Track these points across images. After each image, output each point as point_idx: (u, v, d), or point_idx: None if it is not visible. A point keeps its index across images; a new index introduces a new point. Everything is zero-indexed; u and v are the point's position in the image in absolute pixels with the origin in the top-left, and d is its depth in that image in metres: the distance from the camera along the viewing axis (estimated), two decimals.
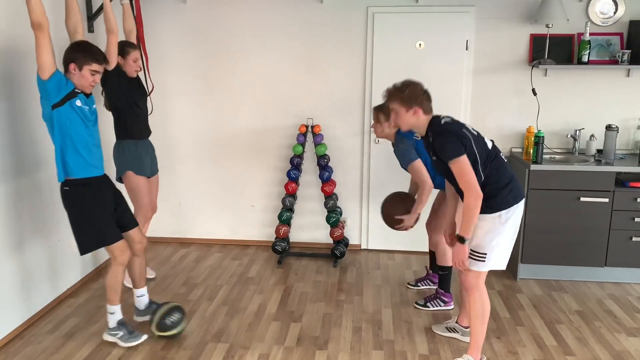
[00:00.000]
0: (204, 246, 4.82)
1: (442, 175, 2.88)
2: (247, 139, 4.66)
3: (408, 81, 2.77)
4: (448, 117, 2.78)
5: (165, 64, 4.57)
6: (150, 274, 4.01)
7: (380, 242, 4.72)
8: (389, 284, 4.02)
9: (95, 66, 2.83)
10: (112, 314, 3.12)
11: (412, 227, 3.52)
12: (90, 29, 3.96)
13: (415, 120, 2.75)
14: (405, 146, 3.39)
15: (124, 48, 3.51)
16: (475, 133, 2.73)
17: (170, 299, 3.71)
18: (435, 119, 2.75)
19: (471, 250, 2.76)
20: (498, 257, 2.76)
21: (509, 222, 2.71)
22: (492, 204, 2.70)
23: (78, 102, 2.82)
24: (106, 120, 3.70)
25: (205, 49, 4.53)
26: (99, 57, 2.86)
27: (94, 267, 4.14)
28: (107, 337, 3.14)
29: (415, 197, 3.50)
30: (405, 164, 3.42)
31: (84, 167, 2.89)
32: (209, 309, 3.58)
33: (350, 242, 4.71)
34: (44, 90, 2.75)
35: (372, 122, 3.55)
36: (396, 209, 3.53)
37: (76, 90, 2.83)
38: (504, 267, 2.80)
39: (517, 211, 2.74)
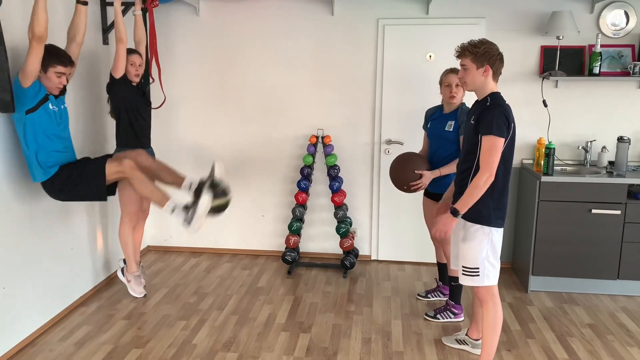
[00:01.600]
0: (214, 256, 4.84)
1: (461, 148, 2.84)
2: (258, 149, 4.70)
3: (485, 39, 2.71)
4: (506, 101, 2.74)
5: (178, 75, 4.63)
6: (141, 293, 3.92)
7: (390, 253, 4.71)
8: (398, 295, 4.01)
9: (59, 68, 2.94)
10: (172, 210, 3.16)
11: (422, 188, 3.46)
12: (105, 41, 4.03)
13: (483, 81, 2.69)
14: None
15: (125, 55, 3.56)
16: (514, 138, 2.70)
17: (180, 308, 3.73)
18: (500, 94, 2.71)
19: (463, 266, 2.76)
20: (491, 271, 2.74)
21: (493, 237, 2.71)
22: (476, 208, 2.65)
23: (50, 105, 2.98)
24: (106, 126, 3.77)
25: (217, 60, 4.59)
26: (64, 59, 2.96)
27: (106, 277, 4.17)
28: (171, 211, 3.17)
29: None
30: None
31: (54, 163, 3.05)
32: (219, 319, 3.59)
33: (360, 253, 4.71)
34: (22, 96, 2.84)
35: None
36: (416, 164, 3.45)
37: (48, 93, 2.97)
38: (495, 283, 2.78)
39: (498, 234, 2.73)
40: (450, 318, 3.57)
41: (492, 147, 2.57)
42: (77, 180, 3.10)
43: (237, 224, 4.86)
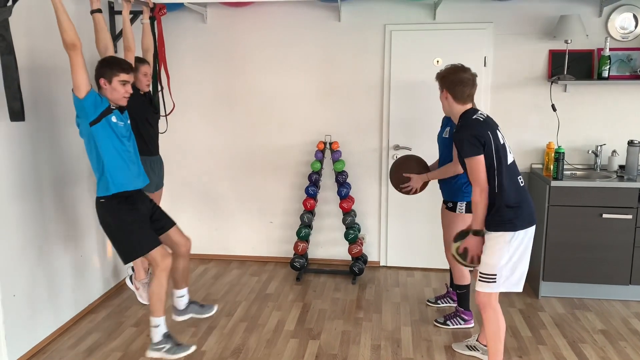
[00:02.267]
0: (223, 262, 4.85)
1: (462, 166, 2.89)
2: (266, 155, 4.70)
3: (454, 66, 2.90)
4: (483, 114, 2.80)
5: (186, 82, 4.65)
6: (145, 300, 3.88)
7: (399, 259, 4.69)
8: (408, 302, 3.98)
9: (123, 76, 2.88)
10: (156, 326, 2.99)
11: (418, 191, 3.51)
12: (114, 50, 4.05)
13: (446, 105, 2.88)
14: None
15: (134, 63, 3.57)
16: (501, 142, 2.72)
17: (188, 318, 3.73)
18: (469, 112, 2.80)
19: (480, 272, 2.74)
20: (509, 278, 2.73)
21: (515, 243, 2.69)
22: (496, 219, 2.68)
23: (114, 119, 2.88)
24: None
25: (225, 67, 4.61)
26: (125, 66, 2.92)
27: (115, 283, 4.18)
28: (152, 354, 3.01)
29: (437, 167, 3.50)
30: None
31: (121, 182, 2.91)
32: (227, 325, 3.58)
33: (369, 259, 4.69)
34: (81, 109, 2.80)
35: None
36: (408, 167, 3.51)
37: (111, 106, 2.89)
38: (520, 289, 2.77)
39: (523, 236, 2.71)
40: (460, 324, 3.54)
41: (472, 167, 2.68)
42: (123, 233, 2.94)
43: (246, 231, 4.86)
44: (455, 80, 2.80)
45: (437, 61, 4.34)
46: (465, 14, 4.27)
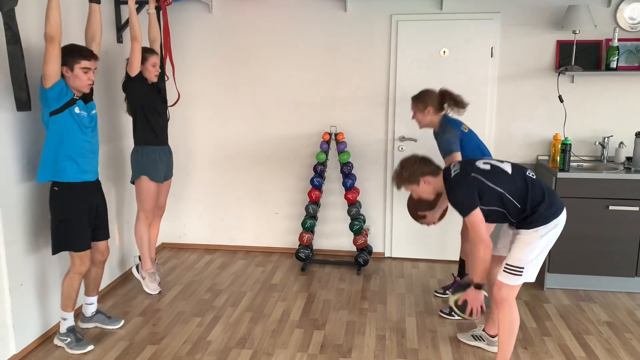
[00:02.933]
0: (228, 253, 4.86)
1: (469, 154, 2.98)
2: (271, 146, 4.70)
3: (398, 166, 2.92)
4: (457, 165, 2.82)
5: (191, 72, 4.64)
6: (155, 290, 3.95)
7: (404, 250, 4.70)
8: (413, 293, 3.99)
9: (84, 63, 2.90)
10: (64, 319, 3.15)
11: (435, 223, 3.50)
12: (119, 40, 4.05)
13: (429, 189, 2.87)
14: (451, 135, 3.39)
15: (143, 54, 3.57)
16: (488, 167, 2.75)
17: (195, 304, 3.75)
18: (446, 174, 2.81)
19: (508, 264, 2.74)
20: (533, 271, 2.75)
21: (547, 235, 2.70)
22: (531, 220, 2.71)
23: (77, 109, 2.92)
24: (122, 124, 3.79)
25: (230, 57, 4.60)
26: (86, 53, 2.93)
27: (121, 274, 4.20)
28: (56, 342, 3.19)
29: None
30: (444, 152, 3.41)
31: (76, 173, 2.97)
32: (233, 315, 3.60)
33: (374, 250, 4.70)
34: (44, 98, 2.84)
35: (412, 113, 3.61)
36: (420, 204, 3.49)
37: (75, 97, 2.92)
38: (533, 280, 2.78)
39: (556, 225, 2.73)
40: None
41: (472, 223, 2.71)
42: (58, 224, 3.00)
43: (251, 221, 4.87)
44: (417, 170, 2.86)
45: (444, 52, 4.31)
46: (472, 4, 4.23)
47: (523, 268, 2.71)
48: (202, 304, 3.77)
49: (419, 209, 3.52)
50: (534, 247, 2.69)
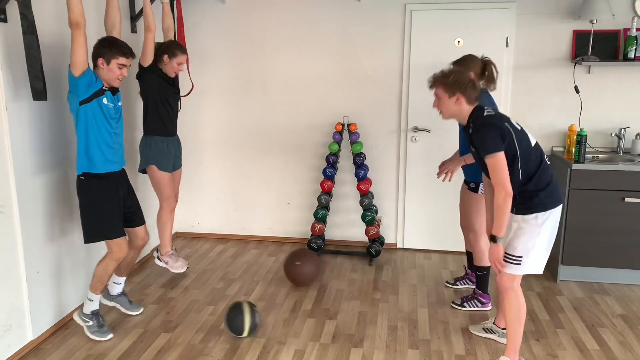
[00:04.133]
0: (241, 242, 4.89)
1: (480, 168, 2.85)
2: (284, 137, 4.70)
3: (456, 68, 2.73)
4: (490, 109, 2.74)
5: (204, 63, 4.65)
6: (182, 268, 4.02)
7: (416, 241, 4.69)
8: (425, 284, 3.99)
9: (122, 59, 2.92)
10: (91, 300, 3.18)
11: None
12: (133, 30, 4.07)
13: (457, 109, 2.72)
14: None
15: (174, 50, 3.62)
16: (519, 127, 2.69)
17: (208, 293, 3.78)
18: (478, 110, 2.71)
19: (506, 253, 2.72)
20: (534, 261, 2.71)
21: (545, 224, 2.67)
22: (529, 205, 2.66)
23: (105, 100, 2.94)
24: (136, 113, 3.81)
25: (243, 48, 4.60)
26: (126, 50, 2.95)
27: (138, 260, 4.22)
28: (76, 319, 3.22)
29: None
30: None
31: (103, 163, 3.00)
32: None
33: (386, 241, 4.69)
34: (74, 86, 2.85)
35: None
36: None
37: (104, 87, 2.95)
38: (540, 272, 2.76)
39: (554, 215, 2.69)
40: (478, 307, 3.54)
41: (495, 164, 2.57)
42: (91, 213, 3.04)
43: (263, 211, 4.89)
44: (468, 83, 2.70)
45: (458, 41, 4.27)
46: None
47: (522, 257, 2.69)
48: (215, 293, 3.80)
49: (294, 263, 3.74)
50: (532, 235, 2.67)
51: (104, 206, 3.05)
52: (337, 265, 4.34)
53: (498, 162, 2.56)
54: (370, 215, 4.33)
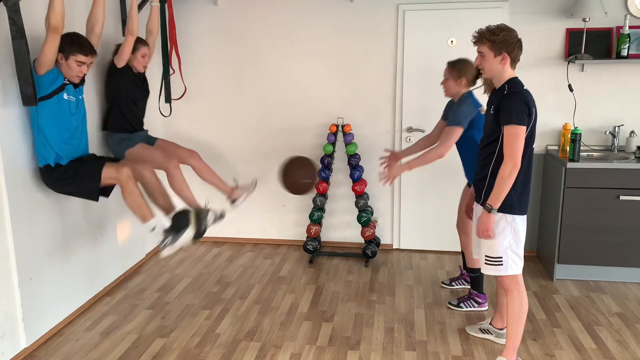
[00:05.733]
0: (236, 245, 4.87)
1: (482, 136, 2.80)
2: (278, 138, 4.68)
3: (504, 25, 2.63)
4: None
5: (196, 65, 4.62)
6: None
7: (412, 242, 4.68)
8: (421, 284, 3.97)
9: (80, 57, 2.92)
10: (152, 229, 3.10)
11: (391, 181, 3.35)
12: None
13: (500, 69, 2.62)
14: (467, 109, 3.24)
15: (134, 44, 3.51)
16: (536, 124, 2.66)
17: (203, 297, 3.76)
18: (518, 79, 2.65)
19: (486, 256, 2.72)
20: (515, 260, 2.70)
21: (516, 225, 2.67)
22: (506, 202, 2.62)
23: (65, 95, 2.95)
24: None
25: (236, 49, 4.57)
26: (86, 48, 2.94)
27: (130, 267, 4.22)
28: (165, 253, 3.12)
29: (420, 151, 3.48)
30: (451, 121, 3.26)
31: (60, 155, 3.01)
32: (241, 308, 3.61)
33: (382, 242, 4.68)
34: (37, 84, 2.83)
35: (444, 78, 3.39)
36: (299, 174, 3.57)
37: (65, 82, 2.95)
38: (519, 272, 2.74)
39: (521, 221, 2.69)
40: (474, 307, 3.53)
41: (514, 136, 2.51)
42: (71, 178, 3.04)
43: (259, 214, 4.87)
44: (518, 43, 2.60)
45: (452, 41, 4.27)
46: None
47: (501, 257, 2.68)
48: (211, 297, 3.77)
49: (301, 178, 3.56)
50: (505, 234, 2.66)
51: (71, 172, 3.04)
52: (333, 267, 4.32)
53: (518, 134, 2.50)
54: (365, 217, 4.31)
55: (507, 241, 2.67)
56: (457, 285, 3.88)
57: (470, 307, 3.53)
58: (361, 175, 4.36)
